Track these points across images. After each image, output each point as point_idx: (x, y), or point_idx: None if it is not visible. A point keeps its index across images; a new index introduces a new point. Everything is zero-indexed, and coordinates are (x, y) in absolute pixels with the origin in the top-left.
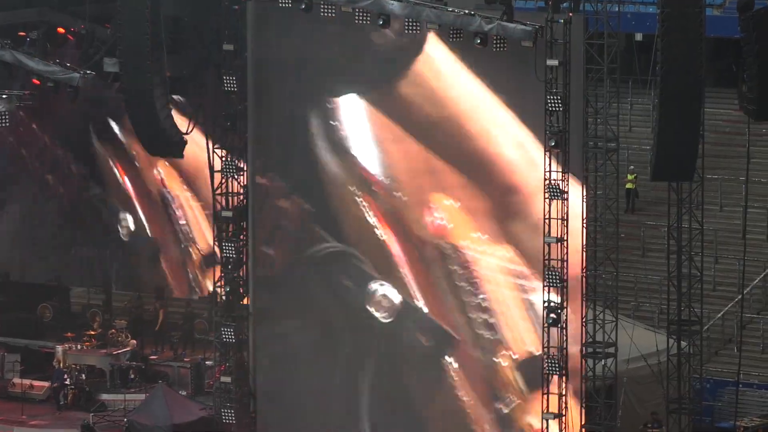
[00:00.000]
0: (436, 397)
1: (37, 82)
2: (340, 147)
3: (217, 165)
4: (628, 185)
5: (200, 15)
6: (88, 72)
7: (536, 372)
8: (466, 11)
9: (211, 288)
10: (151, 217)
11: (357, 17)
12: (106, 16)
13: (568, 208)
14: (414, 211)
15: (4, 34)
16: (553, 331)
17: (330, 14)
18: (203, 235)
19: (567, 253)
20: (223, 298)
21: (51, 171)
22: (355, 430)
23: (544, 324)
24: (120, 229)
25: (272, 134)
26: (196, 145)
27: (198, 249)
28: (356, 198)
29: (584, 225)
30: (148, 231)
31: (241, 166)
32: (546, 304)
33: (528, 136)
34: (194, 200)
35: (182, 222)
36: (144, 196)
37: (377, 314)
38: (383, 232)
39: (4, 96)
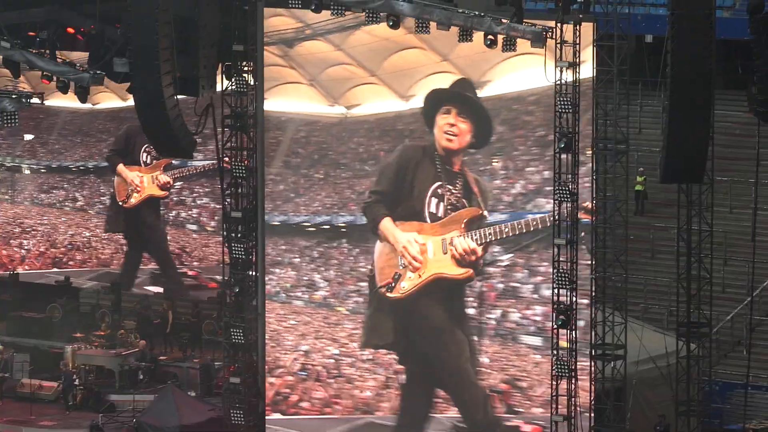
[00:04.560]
0: None
1: (47, 82)
2: None
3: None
4: (638, 187)
5: (210, 15)
6: (98, 72)
7: None
8: (476, 12)
9: None
10: None
11: (367, 18)
12: (115, 16)
13: (577, 210)
14: None
15: (13, 33)
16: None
17: (340, 15)
18: None
19: (577, 254)
20: (232, 298)
21: None
22: None
23: (553, 325)
24: None
25: None
26: None
27: None
28: None
29: (593, 227)
30: None
31: (251, 166)
32: (555, 306)
33: None
34: None
35: None
36: None
37: None
38: None
39: (13, 96)
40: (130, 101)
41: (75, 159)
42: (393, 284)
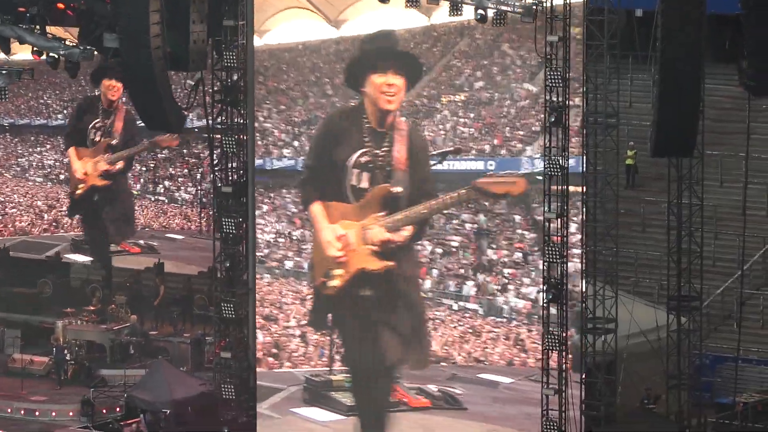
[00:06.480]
0: None
1: (37, 57)
2: None
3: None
4: (628, 161)
5: None
6: (87, 47)
7: None
8: None
9: None
10: None
11: None
12: None
13: (567, 184)
14: None
15: (3, 9)
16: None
17: None
18: None
19: (567, 229)
20: (223, 273)
21: None
22: None
23: (543, 300)
24: None
25: None
26: None
27: None
28: None
29: (584, 201)
30: None
31: (241, 141)
32: (546, 280)
33: None
34: None
35: None
36: None
37: None
38: None
39: (3, 72)
40: None
41: None
42: (326, 281)
